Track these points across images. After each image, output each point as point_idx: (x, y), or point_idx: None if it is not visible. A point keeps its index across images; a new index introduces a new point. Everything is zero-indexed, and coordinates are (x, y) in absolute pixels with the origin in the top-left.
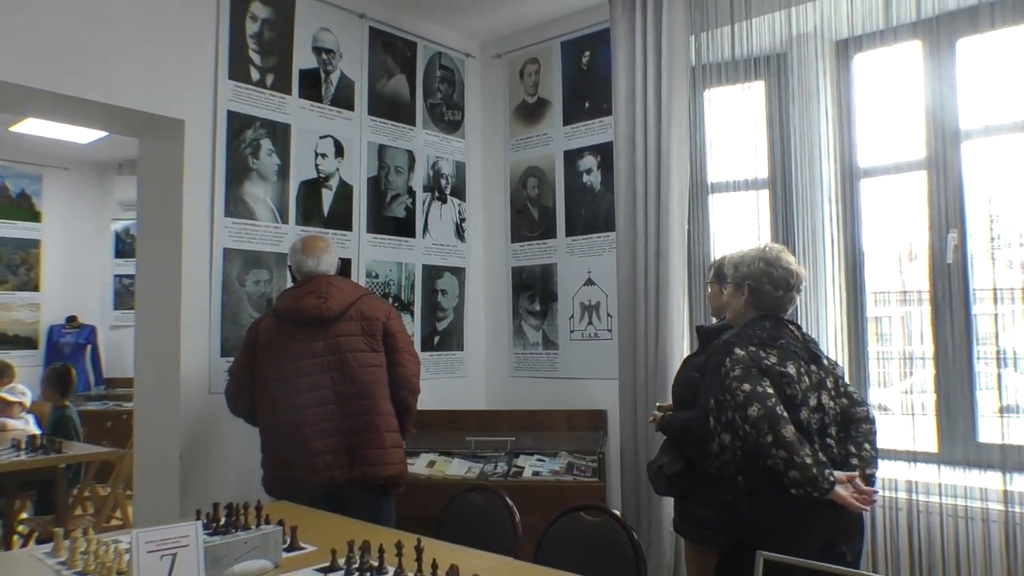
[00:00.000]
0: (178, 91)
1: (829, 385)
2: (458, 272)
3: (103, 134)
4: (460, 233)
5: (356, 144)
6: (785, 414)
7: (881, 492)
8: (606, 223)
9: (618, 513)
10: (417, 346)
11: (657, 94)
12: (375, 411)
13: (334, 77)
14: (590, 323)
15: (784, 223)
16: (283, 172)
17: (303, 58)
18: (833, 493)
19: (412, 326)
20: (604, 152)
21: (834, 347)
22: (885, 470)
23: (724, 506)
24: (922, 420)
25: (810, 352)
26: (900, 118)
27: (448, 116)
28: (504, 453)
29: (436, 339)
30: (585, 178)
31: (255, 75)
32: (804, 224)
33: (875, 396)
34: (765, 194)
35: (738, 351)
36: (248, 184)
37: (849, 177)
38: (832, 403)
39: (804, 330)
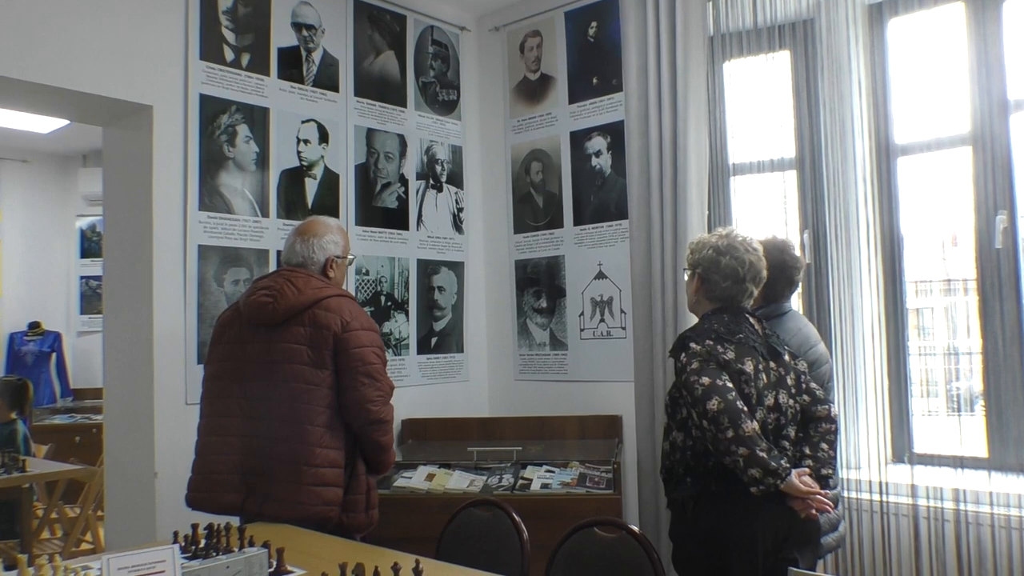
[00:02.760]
0: (145, 74)
1: (789, 383)
2: (456, 267)
3: (65, 123)
4: (458, 224)
5: (342, 129)
6: (745, 409)
7: (925, 502)
8: (618, 210)
9: (636, 529)
10: (412, 349)
11: (672, 67)
12: (299, 438)
13: (316, 55)
14: (602, 320)
15: (814, 207)
16: (262, 161)
17: (282, 35)
18: (787, 482)
19: (407, 327)
20: (614, 132)
21: (871, 342)
22: (929, 477)
23: (673, 507)
24: (969, 421)
25: (770, 347)
26: (941, 88)
27: (442, 96)
28: (510, 464)
29: (433, 341)
30: (594, 161)
31: (229, 55)
32: (836, 207)
33: (917, 395)
34: (792, 175)
35: (694, 345)
36: (224, 174)
37: (885, 155)
38: (791, 401)
39: (765, 323)
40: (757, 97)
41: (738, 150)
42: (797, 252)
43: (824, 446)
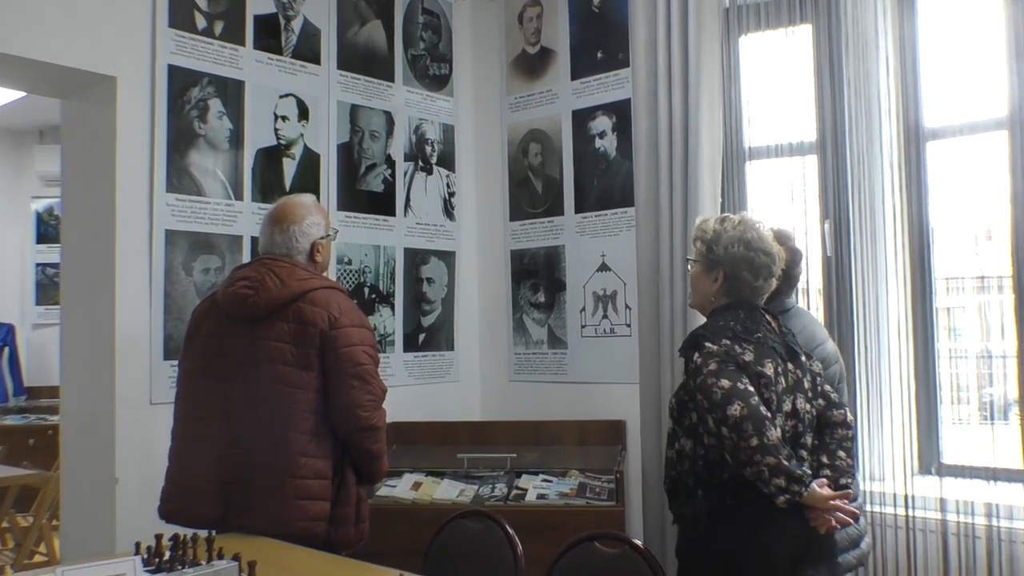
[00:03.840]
0: (108, 42)
1: (806, 386)
2: (447, 257)
3: (20, 95)
4: (449, 210)
5: (323, 104)
6: (769, 415)
7: (955, 516)
8: (623, 197)
9: (640, 544)
10: (398, 346)
11: (683, 41)
12: (282, 447)
13: (296, 24)
14: (605, 316)
15: (836, 194)
16: (236, 138)
17: (258, 2)
18: (810, 490)
19: (393, 322)
20: (620, 111)
21: (897, 343)
22: (959, 490)
23: (681, 522)
24: (1003, 430)
25: (788, 347)
26: (975, 67)
27: (433, 70)
28: (503, 472)
29: (421, 337)
30: (598, 143)
31: (201, 22)
32: (860, 196)
33: (946, 401)
34: (813, 160)
35: (709, 344)
36: (194, 153)
37: (914, 139)
38: (808, 407)
39: (781, 320)
40: (775, 75)
41: (754, 132)
42: (797, 244)
43: (841, 454)
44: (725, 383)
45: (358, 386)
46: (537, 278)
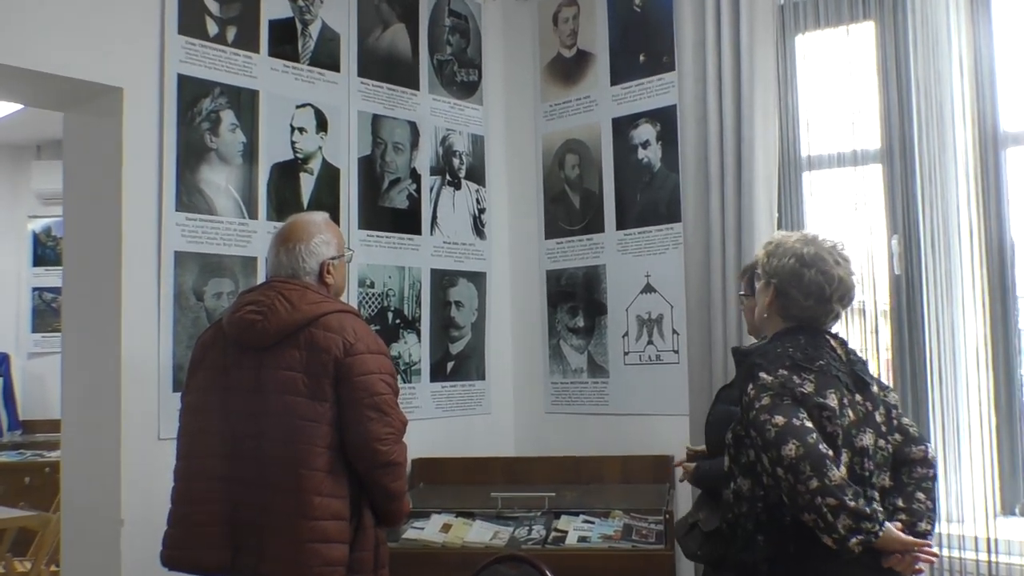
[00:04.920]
0: (114, 50)
1: (878, 419)
2: (477, 278)
3: (17, 108)
4: (479, 228)
5: (343, 115)
6: (831, 452)
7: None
8: (669, 212)
9: None
10: (425, 376)
11: (735, 41)
12: (295, 485)
13: (313, 29)
14: (650, 342)
15: (904, 208)
16: (250, 152)
17: (274, 6)
18: (885, 530)
19: (419, 350)
20: (665, 119)
21: (975, 368)
22: None
23: (739, 570)
24: None
25: (856, 377)
26: None
27: (461, 77)
28: (540, 513)
29: (450, 366)
30: (641, 153)
31: (212, 28)
32: (932, 208)
33: None
34: (877, 169)
35: (764, 375)
36: (206, 169)
37: (991, 145)
38: (882, 442)
39: (851, 347)
40: (834, 77)
41: (812, 140)
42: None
43: (920, 495)
44: (779, 419)
45: (376, 418)
46: (575, 300)
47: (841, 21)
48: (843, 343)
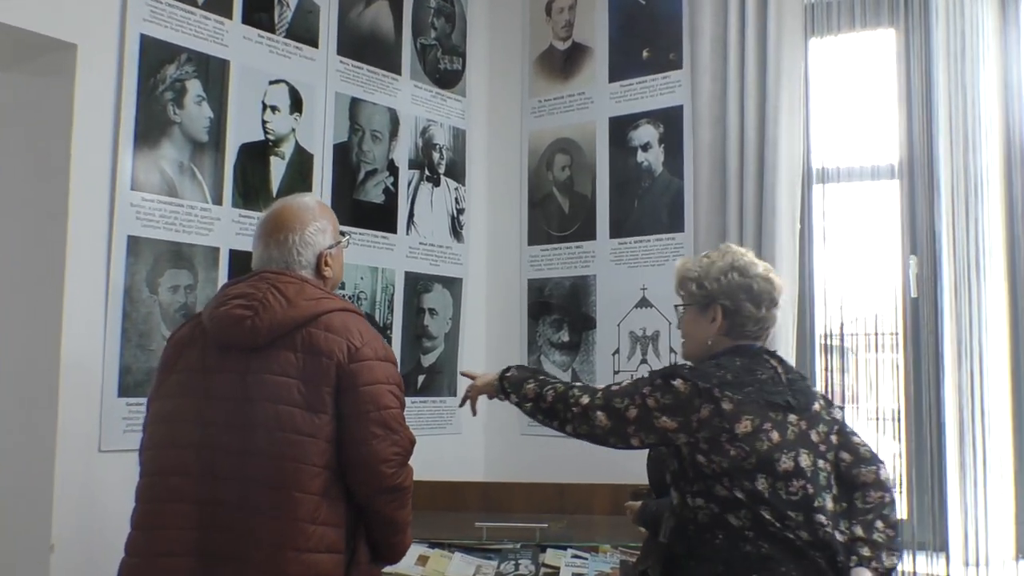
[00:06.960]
0: (68, 2)
1: (815, 439)
2: (452, 284)
3: None
4: (457, 229)
5: (319, 95)
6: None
7: None
8: (670, 220)
9: None
10: None
11: (760, 40)
12: (285, 511)
13: None
14: (644, 361)
15: (926, 226)
16: (217, 129)
17: None
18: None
19: None
20: (669, 120)
21: (1002, 403)
22: None
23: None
24: None
25: (796, 395)
26: None
27: (444, 64)
28: (520, 546)
29: (420, 379)
30: (640, 156)
31: None
32: (955, 227)
33: None
34: (895, 185)
35: (679, 381)
36: (167, 144)
37: (1021, 162)
38: (821, 462)
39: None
40: (851, 85)
41: (825, 152)
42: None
43: (879, 524)
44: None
45: (382, 435)
46: (560, 313)
47: (860, 26)
48: (781, 360)
